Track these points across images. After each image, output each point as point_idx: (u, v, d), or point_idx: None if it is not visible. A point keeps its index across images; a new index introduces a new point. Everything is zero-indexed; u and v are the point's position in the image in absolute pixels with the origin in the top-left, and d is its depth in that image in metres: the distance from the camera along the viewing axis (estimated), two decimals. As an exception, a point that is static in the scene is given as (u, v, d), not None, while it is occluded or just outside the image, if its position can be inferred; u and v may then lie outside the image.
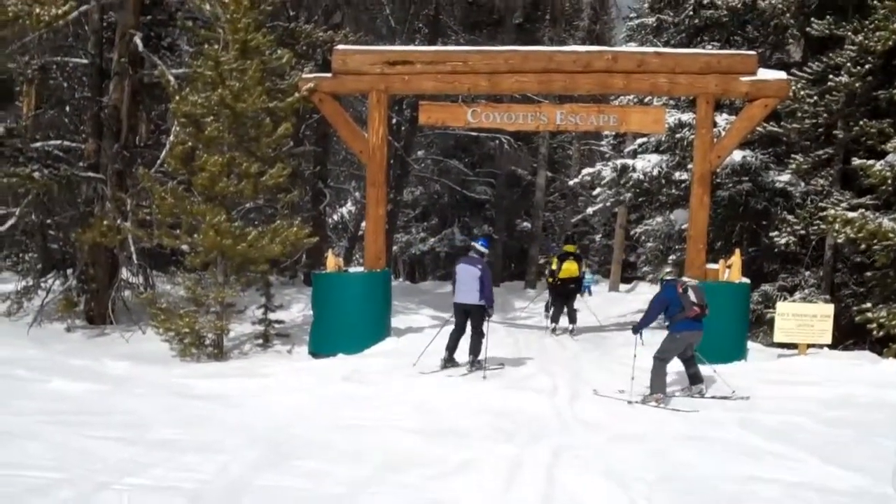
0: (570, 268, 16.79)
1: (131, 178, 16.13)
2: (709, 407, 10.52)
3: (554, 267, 17.02)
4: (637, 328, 11.40)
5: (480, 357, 12.37)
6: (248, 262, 14.25)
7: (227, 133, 14.12)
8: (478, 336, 12.44)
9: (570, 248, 17.62)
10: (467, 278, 12.42)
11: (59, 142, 17.74)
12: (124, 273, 16.83)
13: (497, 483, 7.08)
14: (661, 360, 10.94)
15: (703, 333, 11.17)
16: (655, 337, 11.76)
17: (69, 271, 17.10)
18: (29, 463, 7.02)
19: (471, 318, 12.50)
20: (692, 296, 10.99)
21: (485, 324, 12.49)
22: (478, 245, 12.85)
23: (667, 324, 11.20)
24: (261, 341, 14.97)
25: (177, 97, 14.39)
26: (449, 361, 12.57)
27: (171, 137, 15.35)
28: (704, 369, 11.52)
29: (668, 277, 11.96)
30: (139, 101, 17.23)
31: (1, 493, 6.23)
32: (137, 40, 16.19)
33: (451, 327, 12.92)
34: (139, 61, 16.69)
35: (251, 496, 6.54)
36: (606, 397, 11.04)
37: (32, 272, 17.10)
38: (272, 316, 15.26)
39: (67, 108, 19.94)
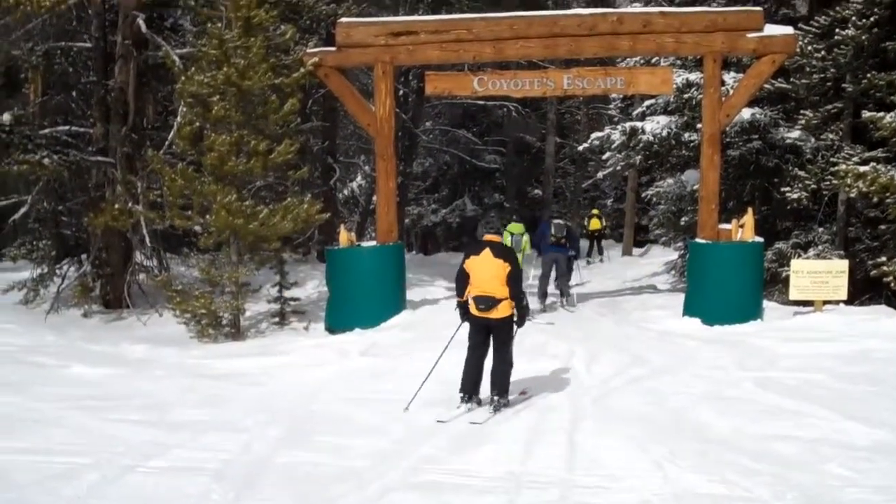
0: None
1: (141, 160, 16.13)
2: (726, 368, 10.51)
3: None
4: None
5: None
6: (261, 240, 14.26)
7: (234, 111, 14.08)
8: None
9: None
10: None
11: (66, 127, 17.75)
12: (138, 256, 16.89)
13: (519, 452, 7.10)
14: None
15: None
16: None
17: (83, 257, 17.15)
18: (53, 449, 7.09)
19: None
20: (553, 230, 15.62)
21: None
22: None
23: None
24: (277, 319, 15.00)
25: (182, 77, 14.35)
26: None
27: (179, 118, 15.33)
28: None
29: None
30: (145, 83, 17.19)
31: (27, 479, 6.30)
32: (140, 22, 16.13)
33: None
34: (143, 43, 16.62)
35: (273, 473, 6.59)
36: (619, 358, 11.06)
37: (47, 259, 17.14)
38: (287, 293, 15.28)
39: (74, 93, 19.91)
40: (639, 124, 20.01)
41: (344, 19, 15.45)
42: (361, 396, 9.31)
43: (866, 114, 15.00)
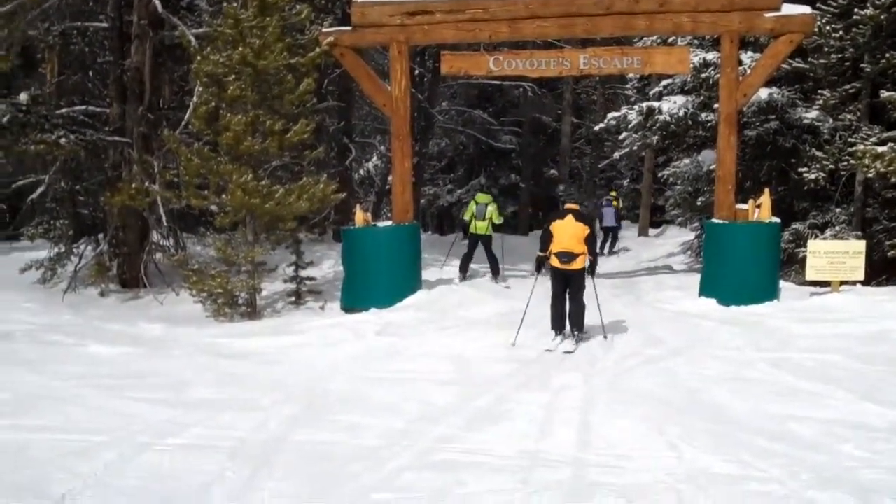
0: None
1: (157, 140, 16.19)
2: (741, 349, 10.49)
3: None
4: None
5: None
6: (277, 220, 14.30)
7: (250, 91, 14.09)
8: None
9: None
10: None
11: (83, 107, 17.82)
12: (155, 236, 16.98)
13: (533, 431, 7.11)
14: None
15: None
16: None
17: (100, 236, 17.24)
18: (71, 427, 7.14)
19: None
20: None
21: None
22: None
23: None
24: (293, 299, 15.05)
25: (198, 57, 14.36)
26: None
27: (195, 98, 15.36)
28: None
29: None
30: (161, 62, 17.23)
31: (45, 457, 6.35)
32: (156, 1, 16.14)
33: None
34: (159, 23, 16.64)
35: (289, 452, 6.62)
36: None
37: (64, 238, 17.24)
38: (303, 273, 15.32)
39: (90, 73, 20.00)
40: (655, 104, 19.93)
41: (359, -1, 15.42)
42: (377, 376, 9.33)
43: (884, 94, 14.91)
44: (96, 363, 9.92)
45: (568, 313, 11.14)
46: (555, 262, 10.98)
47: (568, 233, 10.87)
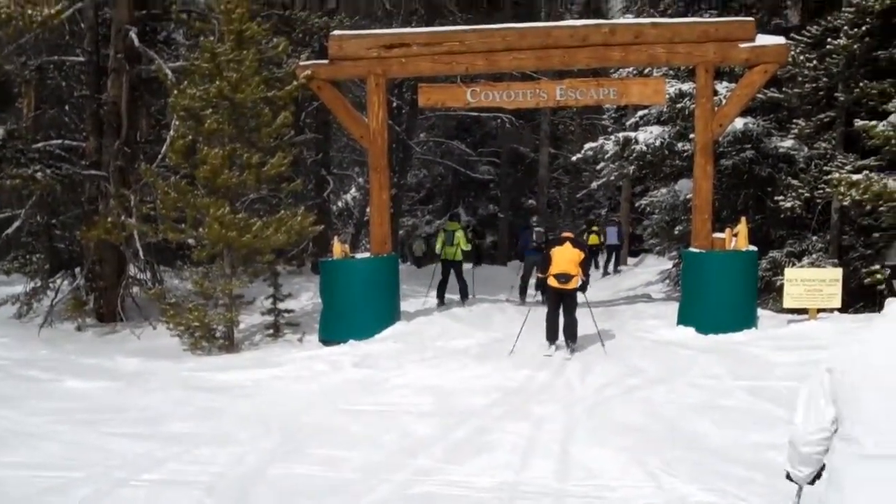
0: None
1: (134, 174, 16.14)
2: (720, 377, 10.51)
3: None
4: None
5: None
6: (255, 252, 14.26)
7: (227, 125, 14.10)
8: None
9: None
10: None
11: (60, 141, 17.79)
12: (132, 270, 16.88)
13: (513, 462, 7.10)
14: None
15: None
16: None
17: (77, 270, 17.14)
18: (46, 463, 7.08)
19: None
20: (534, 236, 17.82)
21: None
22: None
23: None
24: (271, 331, 14.98)
25: (175, 91, 14.37)
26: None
27: (172, 132, 15.34)
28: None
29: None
30: (138, 96, 17.21)
31: (19, 493, 6.29)
32: (133, 35, 16.16)
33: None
34: (136, 57, 16.64)
35: (266, 486, 6.57)
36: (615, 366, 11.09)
37: (40, 273, 17.14)
38: (281, 305, 15.26)
39: (67, 107, 19.97)
40: (632, 134, 20.06)
41: (336, 32, 15.45)
42: (355, 408, 9.29)
43: (858, 122, 15.03)
44: (73, 398, 9.83)
45: (563, 326, 12.50)
46: (553, 282, 12.38)
47: (566, 257, 12.32)
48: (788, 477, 3.65)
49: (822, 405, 3.25)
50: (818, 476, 3.48)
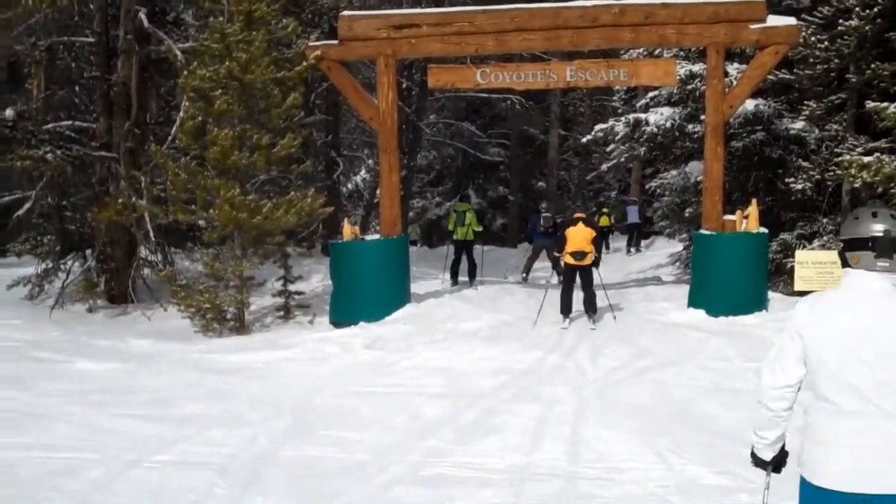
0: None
1: (144, 155, 16.13)
2: (731, 359, 10.50)
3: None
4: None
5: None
6: (265, 234, 14.27)
7: (237, 106, 14.08)
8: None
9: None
10: None
11: (70, 122, 17.75)
12: (142, 251, 16.90)
13: (523, 444, 7.10)
14: None
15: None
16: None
17: (88, 252, 17.16)
18: (58, 444, 7.10)
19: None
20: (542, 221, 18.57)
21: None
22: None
23: None
24: (282, 313, 14.99)
25: (185, 72, 14.34)
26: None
27: (181, 113, 15.32)
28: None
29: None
30: (147, 77, 17.18)
31: (31, 475, 6.31)
32: (142, 16, 16.12)
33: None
34: (145, 37, 16.61)
35: (278, 467, 6.59)
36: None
37: (52, 254, 17.15)
38: (292, 287, 15.27)
39: (77, 88, 19.92)
40: (642, 116, 19.96)
41: (346, 12, 15.41)
42: (366, 390, 9.32)
43: (870, 104, 14.94)
44: (84, 380, 9.86)
45: (584, 300, 13.45)
46: (569, 259, 13.30)
47: (579, 236, 13.29)
48: (755, 462, 3.80)
49: (788, 364, 3.45)
50: (783, 463, 3.76)
